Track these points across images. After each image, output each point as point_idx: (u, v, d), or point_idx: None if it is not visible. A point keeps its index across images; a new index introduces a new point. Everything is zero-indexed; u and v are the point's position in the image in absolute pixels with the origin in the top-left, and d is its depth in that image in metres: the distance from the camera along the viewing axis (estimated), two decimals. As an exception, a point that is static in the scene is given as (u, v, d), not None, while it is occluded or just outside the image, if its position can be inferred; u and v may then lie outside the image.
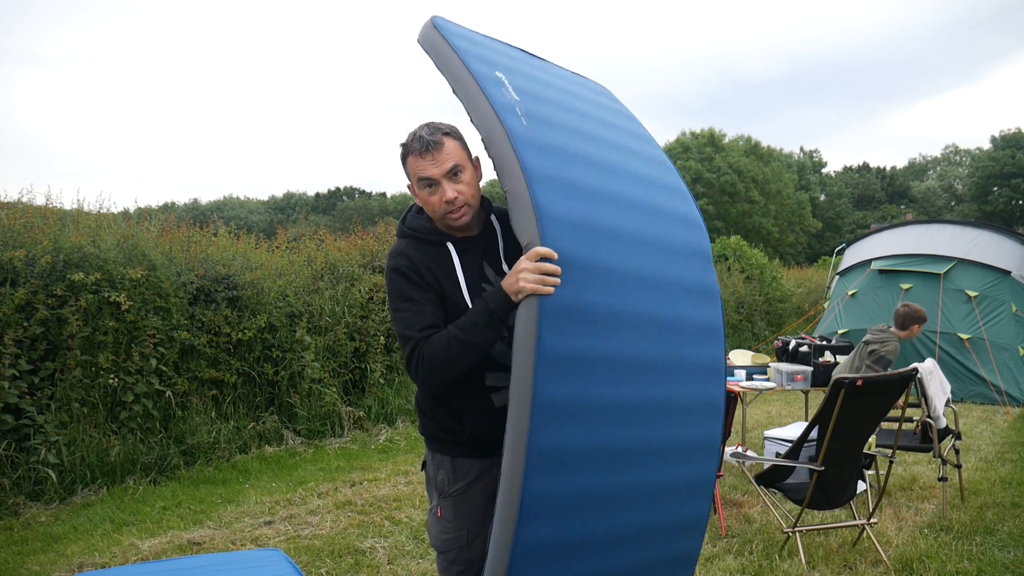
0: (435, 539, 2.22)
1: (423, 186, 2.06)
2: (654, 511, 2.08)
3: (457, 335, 1.94)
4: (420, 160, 2.04)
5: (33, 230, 5.64)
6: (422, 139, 2.04)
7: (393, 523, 4.53)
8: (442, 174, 2.04)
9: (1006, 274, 9.17)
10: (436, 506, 2.20)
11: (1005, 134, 46.08)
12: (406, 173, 2.12)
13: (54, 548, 4.22)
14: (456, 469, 2.16)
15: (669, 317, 2.03)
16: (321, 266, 7.72)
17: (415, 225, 2.15)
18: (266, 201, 68.67)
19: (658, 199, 2.17)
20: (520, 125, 1.93)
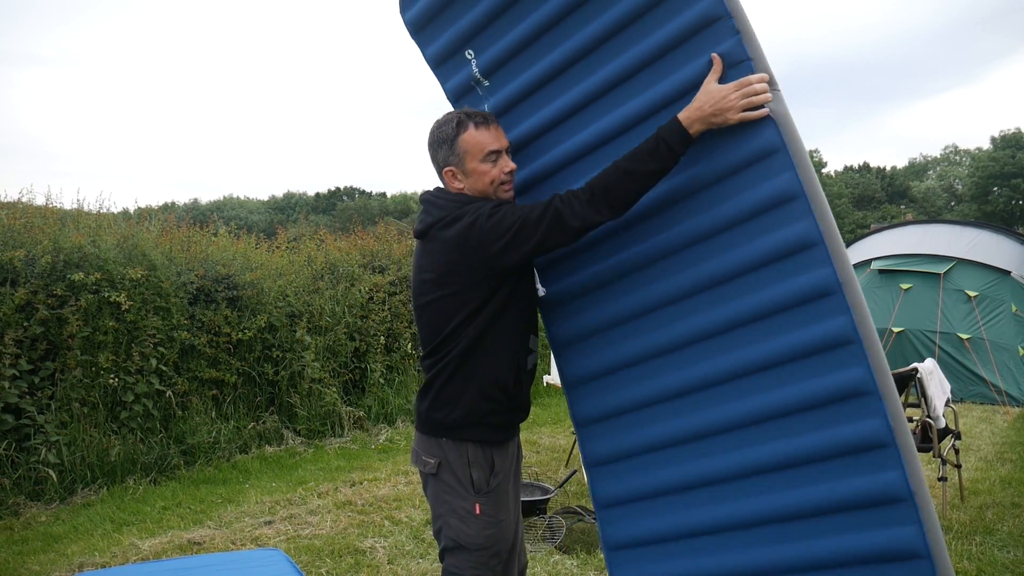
0: (475, 538, 2.10)
1: (488, 159, 2.06)
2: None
3: (627, 167, 1.86)
4: (484, 132, 2.06)
5: (33, 230, 5.64)
6: (481, 114, 2.08)
7: (393, 523, 4.53)
8: (503, 147, 2.09)
9: (1006, 274, 9.16)
10: (472, 504, 2.11)
11: (1005, 134, 46.10)
12: (453, 153, 2.07)
13: (54, 548, 4.22)
14: (492, 462, 2.14)
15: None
16: (321, 266, 7.72)
17: (472, 195, 2.09)
18: (266, 201, 68.70)
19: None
20: None
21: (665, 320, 2.01)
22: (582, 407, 2.24)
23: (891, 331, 9.01)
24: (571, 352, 2.25)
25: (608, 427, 2.17)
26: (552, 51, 2.11)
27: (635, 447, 2.11)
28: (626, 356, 2.11)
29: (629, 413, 2.12)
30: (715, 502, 1.96)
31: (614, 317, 2.12)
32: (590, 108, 2.09)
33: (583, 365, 2.21)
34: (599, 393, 2.18)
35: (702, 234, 1.92)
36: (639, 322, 2.07)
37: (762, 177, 1.82)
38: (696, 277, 1.95)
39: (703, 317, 1.94)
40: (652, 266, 2.02)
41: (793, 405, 1.83)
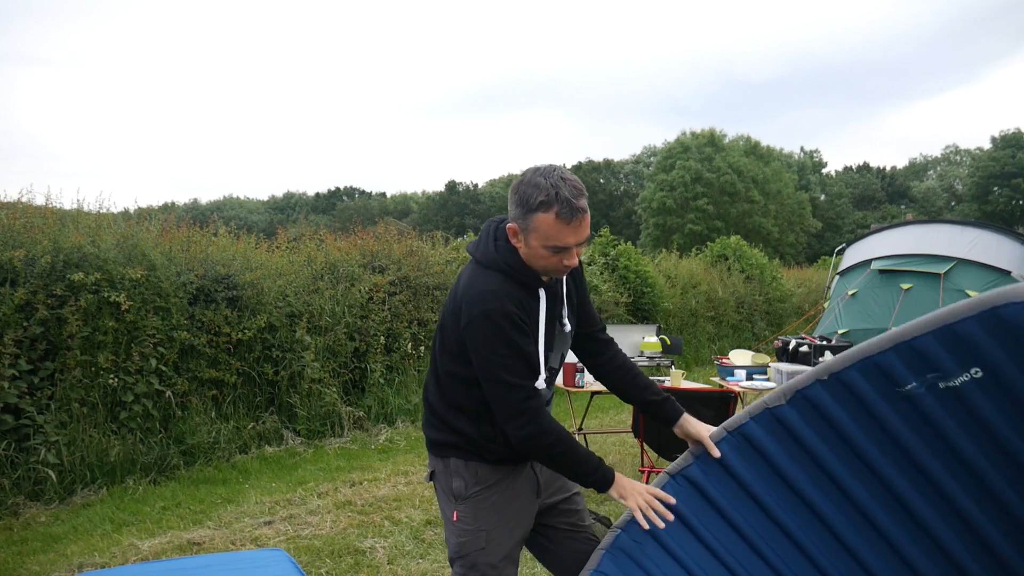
0: (453, 546, 2.16)
1: (551, 250, 1.95)
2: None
3: (572, 448, 2.03)
4: (563, 227, 1.91)
5: (33, 230, 5.64)
6: (570, 205, 1.90)
7: (393, 523, 4.53)
8: (577, 243, 1.96)
9: (1006, 274, 9.16)
10: (452, 512, 2.16)
11: (1005, 134, 46.09)
12: (524, 222, 1.96)
13: (54, 548, 4.22)
14: (475, 474, 2.14)
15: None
16: (321, 266, 7.71)
17: (513, 263, 2.02)
18: (266, 201, 68.73)
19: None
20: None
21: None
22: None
23: (891, 331, 9.01)
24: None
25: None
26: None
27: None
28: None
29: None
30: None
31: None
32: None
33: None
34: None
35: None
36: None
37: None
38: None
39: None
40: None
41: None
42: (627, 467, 5.79)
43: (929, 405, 1.92)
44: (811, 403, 2.01)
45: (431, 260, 8.70)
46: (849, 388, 1.97)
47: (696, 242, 30.10)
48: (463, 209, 54.03)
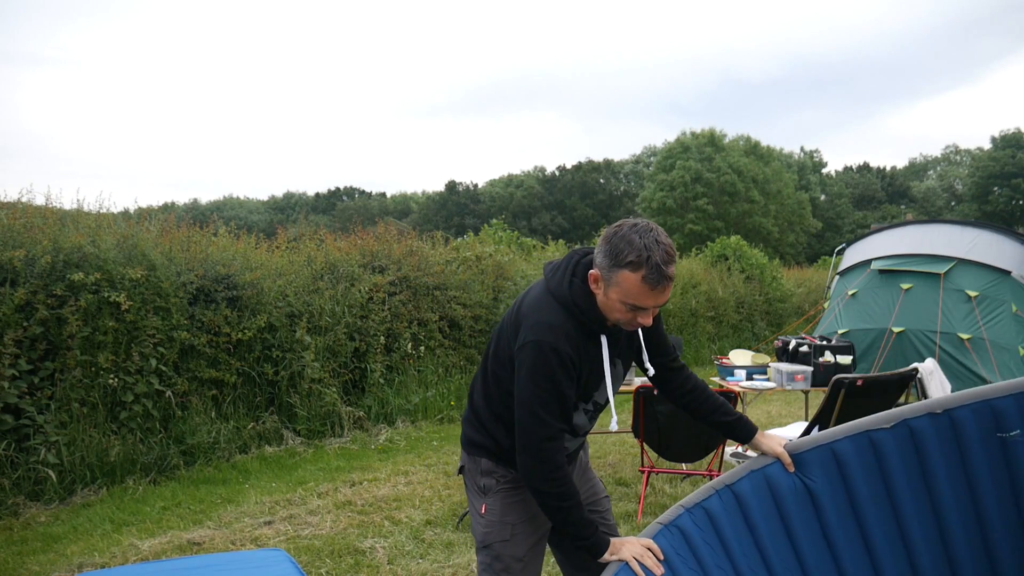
0: (478, 535, 2.24)
1: (628, 307, 1.96)
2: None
3: (574, 510, 2.00)
4: (647, 291, 1.92)
5: (33, 230, 5.64)
6: (659, 272, 1.90)
7: (393, 523, 4.53)
8: (656, 306, 1.98)
9: (1006, 274, 9.15)
10: (480, 505, 2.23)
11: (1005, 134, 46.08)
12: (607, 273, 1.96)
13: (54, 548, 4.22)
14: (504, 475, 2.21)
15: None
16: (321, 266, 7.71)
17: (582, 305, 2.04)
18: (266, 201, 68.70)
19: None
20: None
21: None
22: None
23: (891, 331, 9.01)
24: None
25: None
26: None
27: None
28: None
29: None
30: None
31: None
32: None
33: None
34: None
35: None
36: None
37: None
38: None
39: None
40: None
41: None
42: (627, 467, 5.79)
43: (1019, 453, 2.05)
44: (913, 436, 2.10)
45: (431, 260, 8.70)
46: (956, 425, 2.07)
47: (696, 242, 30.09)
48: (463, 209, 54.02)
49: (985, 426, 2.06)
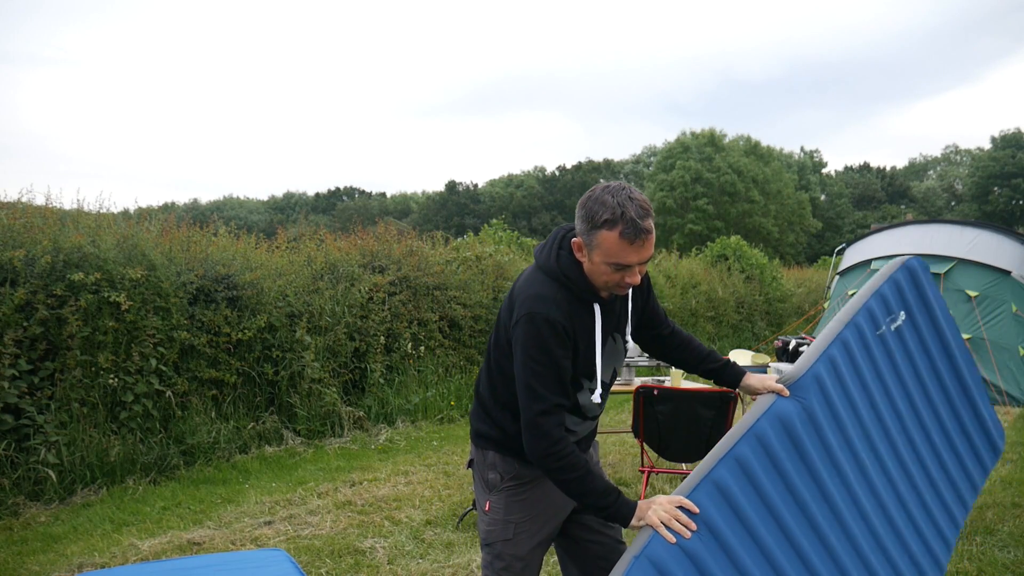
0: (482, 533, 2.25)
1: (613, 267, 1.97)
2: None
3: (587, 478, 1.95)
4: (627, 246, 1.92)
5: (33, 230, 5.64)
6: (635, 225, 1.91)
7: (393, 523, 4.53)
8: (640, 262, 1.97)
9: (1006, 274, 9.16)
10: (485, 501, 2.24)
11: (1005, 134, 46.09)
12: (588, 237, 1.97)
13: (54, 548, 4.22)
14: (511, 469, 2.21)
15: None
16: (321, 266, 7.71)
17: (571, 275, 2.04)
18: (266, 201, 68.70)
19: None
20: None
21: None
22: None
23: (891, 331, 9.00)
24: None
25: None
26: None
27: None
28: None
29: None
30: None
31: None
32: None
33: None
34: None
35: None
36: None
37: None
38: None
39: None
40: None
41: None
42: (627, 467, 5.79)
43: (894, 344, 2.37)
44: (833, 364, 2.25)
45: (431, 260, 8.71)
46: (848, 346, 2.26)
47: (696, 242, 30.10)
48: (463, 209, 54.02)
49: (872, 326, 2.35)
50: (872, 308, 2.35)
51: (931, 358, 2.52)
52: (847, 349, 2.25)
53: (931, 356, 2.52)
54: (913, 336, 2.48)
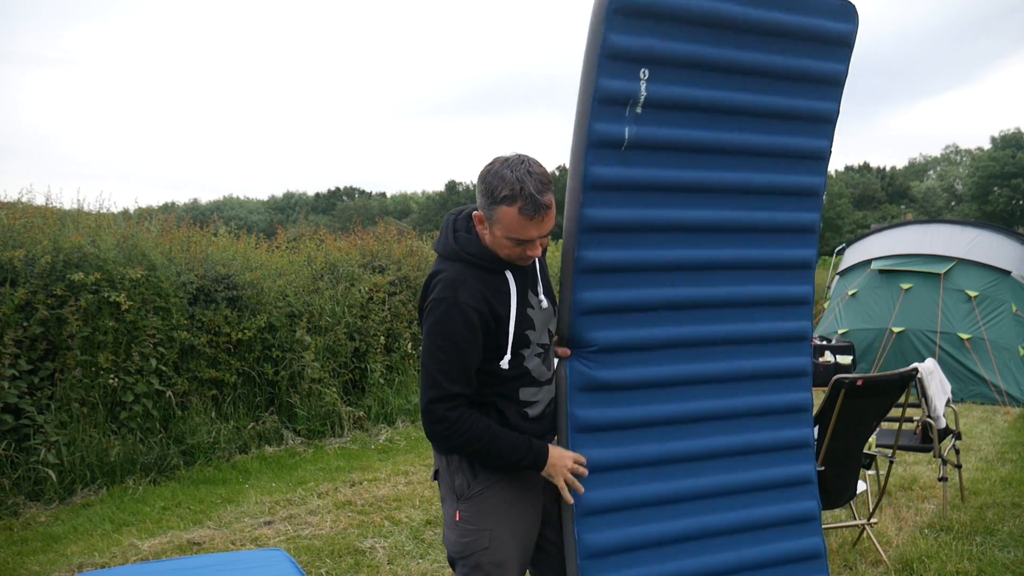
0: (454, 546, 2.13)
1: (514, 242, 1.98)
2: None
3: (493, 443, 2.01)
4: (526, 222, 1.94)
5: (33, 230, 5.64)
6: (534, 201, 1.92)
7: (393, 523, 4.53)
8: (540, 236, 1.99)
9: (1006, 274, 9.16)
10: (454, 511, 2.13)
11: (1005, 134, 46.10)
12: (489, 212, 1.98)
13: (54, 548, 4.22)
14: (476, 471, 2.12)
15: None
16: (321, 266, 7.71)
17: (472, 250, 2.05)
18: (266, 201, 68.70)
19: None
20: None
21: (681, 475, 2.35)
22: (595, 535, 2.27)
23: (891, 331, 9.01)
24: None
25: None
26: (714, 130, 2.24)
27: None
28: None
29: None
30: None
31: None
32: (712, 196, 2.28)
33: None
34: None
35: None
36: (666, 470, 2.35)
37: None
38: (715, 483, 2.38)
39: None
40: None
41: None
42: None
43: (652, 131, 2.14)
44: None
45: (431, 260, 8.70)
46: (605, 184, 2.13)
47: (696, 242, 29.89)
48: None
49: (613, 156, 2.15)
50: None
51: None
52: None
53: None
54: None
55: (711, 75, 2.18)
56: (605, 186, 2.12)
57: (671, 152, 2.19)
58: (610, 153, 2.10)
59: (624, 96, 2.07)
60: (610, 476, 2.21)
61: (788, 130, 2.35)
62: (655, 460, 2.27)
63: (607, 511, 2.20)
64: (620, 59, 2.05)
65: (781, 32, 2.24)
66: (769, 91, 2.27)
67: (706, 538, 2.32)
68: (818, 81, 2.34)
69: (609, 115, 2.07)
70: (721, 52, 2.17)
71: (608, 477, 2.20)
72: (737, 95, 2.24)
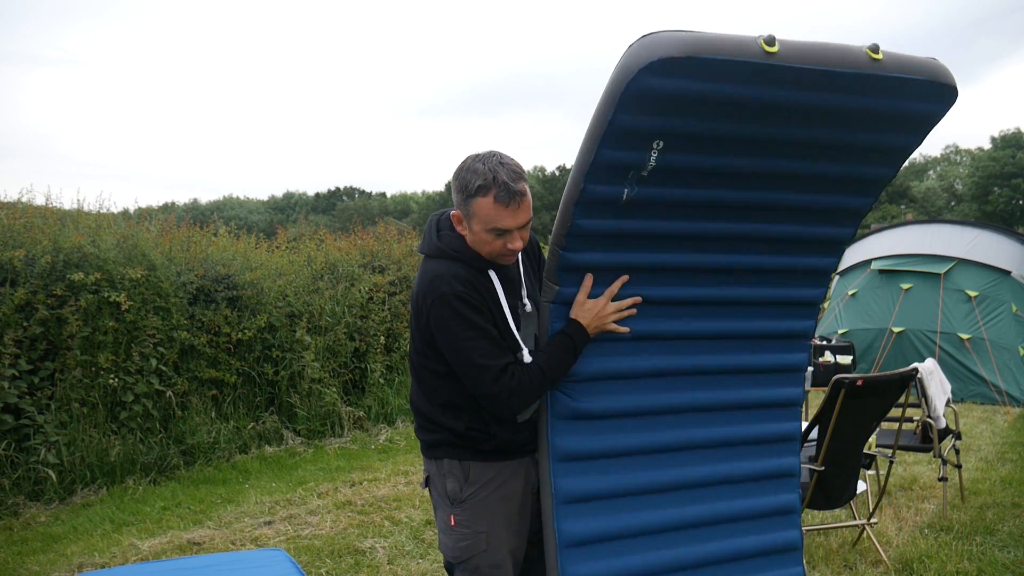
0: (452, 551, 2.14)
1: (492, 233, 1.98)
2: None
3: (551, 371, 2.03)
4: (501, 210, 1.95)
5: (33, 230, 5.64)
6: (507, 188, 1.93)
7: (393, 523, 4.53)
8: (517, 226, 1.99)
9: (1006, 274, 9.15)
10: (448, 516, 2.14)
11: (1005, 134, 46.07)
12: (465, 207, 1.99)
13: (54, 548, 4.22)
14: (468, 474, 2.12)
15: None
16: (321, 266, 7.71)
17: (458, 248, 2.06)
18: (266, 201, 68.70)
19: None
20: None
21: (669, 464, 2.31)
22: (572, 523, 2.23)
23: (891, 331, 9.01)
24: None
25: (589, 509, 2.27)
26: (716, 190, 2.10)
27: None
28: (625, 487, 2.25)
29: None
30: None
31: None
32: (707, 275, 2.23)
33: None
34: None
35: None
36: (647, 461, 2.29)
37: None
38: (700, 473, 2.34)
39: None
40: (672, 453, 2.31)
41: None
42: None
43: (654, 191, 2.01)
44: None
45: (431, 260, 8.70)
46: (589, 232, 2.04)
47: (696, 242, 29.85)
48: (463, 209, 53.94)
49: (605, 211, 2.04)
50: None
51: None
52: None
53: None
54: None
55: (745, 146, 2.00)
56: (591, 235, 2.05)
57: (672, 208, 2.08)
58: (601, 208, 2.00)
59: (629, 164, 1.94)
60: (594, 505, 2.17)
61: (831, 190, 2.21)
62: (641, 488, 2.24)
63: (591, 542, 2.17)
64: (630, 136, 1.89)
65: (849, 115, 1.99)
66: (822, 159, 2.10)
67: (684, 529, 2.30)
68: (882, 151, 2.17)
69: (607, 178, 1.95)
70: (766, 131, 1.97)
71: (592, 507, 2.17)
72: (775, 162, 2.07)
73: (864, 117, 2.00)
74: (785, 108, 1.92)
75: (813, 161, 2.09)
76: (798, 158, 2.07)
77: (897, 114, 2.03)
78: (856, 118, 2.00)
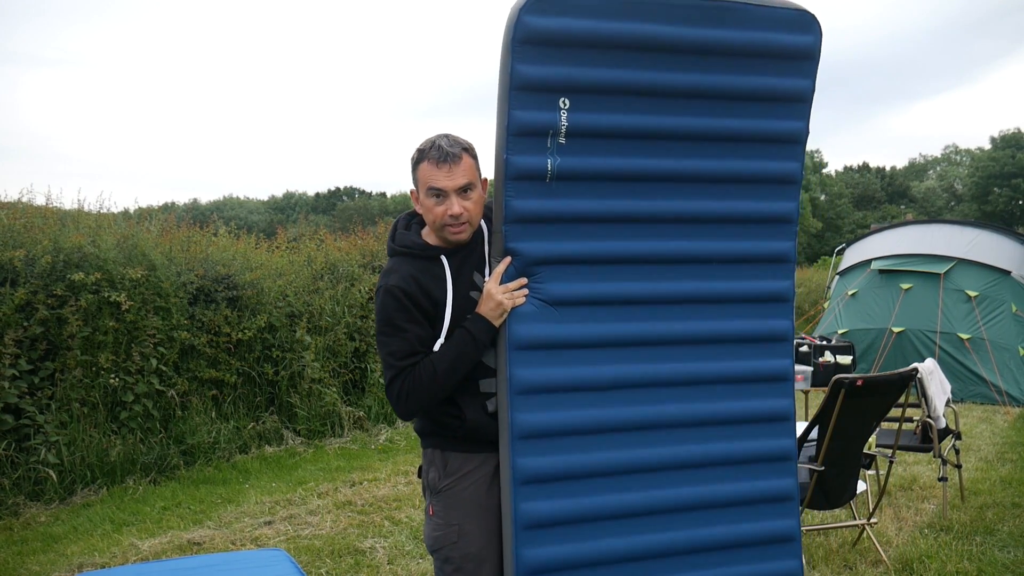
0: (428, 540, 2.20)
1: (431, 195, 2.05)
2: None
3: (443, 367, 2.04)
4: (435, 170, 2.03)
5: (33, 230, 5.64)
6: (441, 149, 2.04)
7: (393, 523, 4.53)
8: (454, 188, 2.04)
9: (1006, 274, 9.16)
10: (428, 505, 2.20)
11: (1004, 134, 46.08)
12: (414, 179, 2.11)
13: (54, 548, 4.22)
14: (447, 464, 2.16)
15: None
16: (321, 266, 7.72)
17: (406, 242, 2.16)
18: (266, 201, 68.65)
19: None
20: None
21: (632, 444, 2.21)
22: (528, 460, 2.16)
23: (891, 331, 9.01)
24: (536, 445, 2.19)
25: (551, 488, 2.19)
26: (638, 158, 2.11)
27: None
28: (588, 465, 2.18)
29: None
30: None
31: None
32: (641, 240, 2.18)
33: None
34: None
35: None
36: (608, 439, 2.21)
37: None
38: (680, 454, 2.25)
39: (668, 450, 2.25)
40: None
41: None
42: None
43: (578, 161, 2.05)
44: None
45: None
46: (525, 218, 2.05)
47: (696, 242, 29.82)
48: (463, 209, 53.92)
49: (537, 189, 2.06)
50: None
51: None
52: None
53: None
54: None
55: (647, 100, 2.06)
56: (529, 219, 2.05)
57: (603, 182, 2.08)
58: (531, 186, 2.02)
59: (542, 127, 1.99)
60: (554, 487, 2.11)
61: (748, 153, 2.21)
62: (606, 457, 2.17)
63: (549, 525, 2.11)
64: (535, 91, 1.97)
65: (724, 51, 2.08)
66: (723, 114, 2.14)
67: (653, 515, 2.22)
68: (779, 100, 2.20)
69: (527, 147, 2.00)
70: (656, 76, 2.04)
71: (551, 488, 2.10)
72: (684, 120, 2.11)
73: (743, 54, 2.11)
74: (668, 45, 2.03)
75: (719, 118, 2.15)
76: (704, 114, 2.12)
77: (773, 48, 2.14)
78: (736, 56, 2.11)
